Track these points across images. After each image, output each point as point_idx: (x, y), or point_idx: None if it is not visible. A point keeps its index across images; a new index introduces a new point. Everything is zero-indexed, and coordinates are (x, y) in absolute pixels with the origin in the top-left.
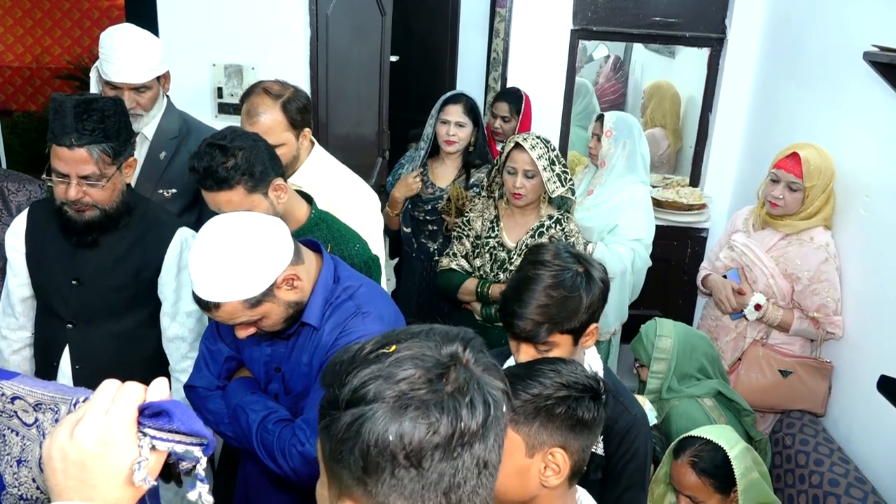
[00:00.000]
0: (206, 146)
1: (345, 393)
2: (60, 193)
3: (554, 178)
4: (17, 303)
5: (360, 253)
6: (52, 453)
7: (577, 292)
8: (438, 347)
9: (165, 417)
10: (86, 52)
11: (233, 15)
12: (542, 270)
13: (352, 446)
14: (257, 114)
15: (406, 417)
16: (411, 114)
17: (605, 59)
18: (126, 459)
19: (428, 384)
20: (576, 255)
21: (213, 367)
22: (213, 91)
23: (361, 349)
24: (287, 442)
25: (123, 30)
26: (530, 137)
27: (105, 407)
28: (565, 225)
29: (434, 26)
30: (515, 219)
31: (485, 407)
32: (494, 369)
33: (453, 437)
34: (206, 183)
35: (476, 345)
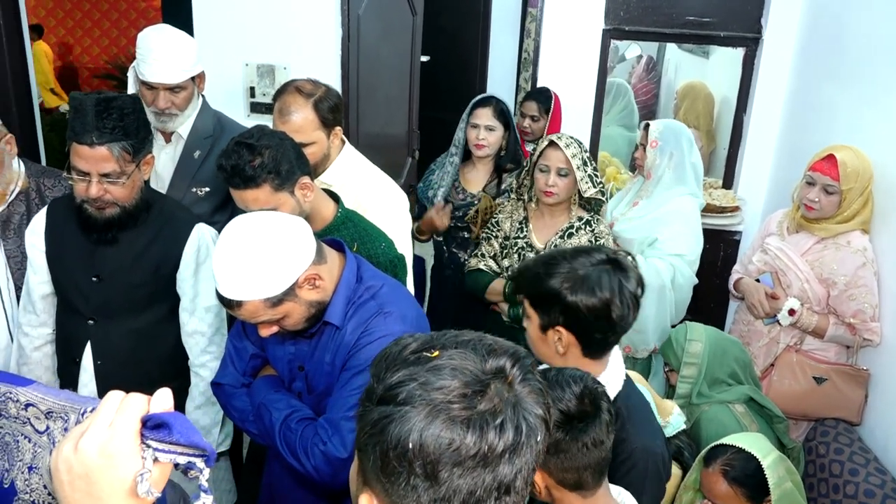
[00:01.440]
0: (234, 145)
1: (380, 388)
2: (81, 191)
3: (586, 178)
4: (37, 300)
5: (386, 252)
6: (59, 465)
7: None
8: (483, 360)
9: (166, 430)
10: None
11: (266, 15)
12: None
13: (374, 443)
14: (289, 112)
15: (430, 428)
16: (441, 113)
17: (637, 59)
18: (130, 471)
19: (462, 399)
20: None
21: (238, 365)
22: (246, 91)
23: (406, 346)
24: (309, 441)
25: (160, 31)
26: (564, 136)
27: (109, 419)
28: (595, 227)
29: (465, 26)
30: (545, 220)
31: (516, 432)
32: (539, 394)
33: (475, 457)
34: (234, 181)
35: (526, 364)
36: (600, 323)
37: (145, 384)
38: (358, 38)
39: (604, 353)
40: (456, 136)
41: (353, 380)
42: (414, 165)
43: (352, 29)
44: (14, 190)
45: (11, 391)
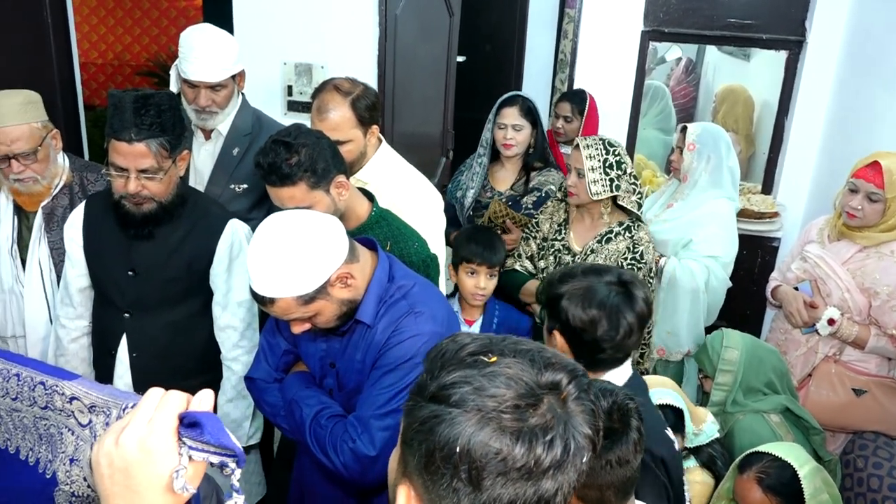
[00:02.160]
0: (272, 143)
1: (433, 386)
2: (119, 187)
3: (603, 181)
4: (75, 293)
5: (419, 251)
6: (100, 459)
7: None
8: (539, 373)
9: (198, 429)
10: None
11: (304, 15)
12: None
13: (421, 440)
14: (327, 110)
15: (479, 435)
16: (476, 114)
17: (676, 61)
18: (167, 467)
19: (514, 410)
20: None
21: (271, 360)
22: (284, 89)
23: (464, 347)
24: (339, 438)
25: (202, 30)
26: (590, 138)
27: (149, 415)
28: (634, 233)
29: (501, 27)
30: (584, 223)
31: (563, 449)
32: (591, 415)
33: (521, 469)
34: (270, 178)
35: (583, 382)
36: (586, 338)
37: (179, 377)
38: (395, 38)
39: (598, 368)
40: (483, 137)
41: (383, 378)
42: (448, 165)
43: (389, 29)
44: (58, 184)
45: (58, 384)
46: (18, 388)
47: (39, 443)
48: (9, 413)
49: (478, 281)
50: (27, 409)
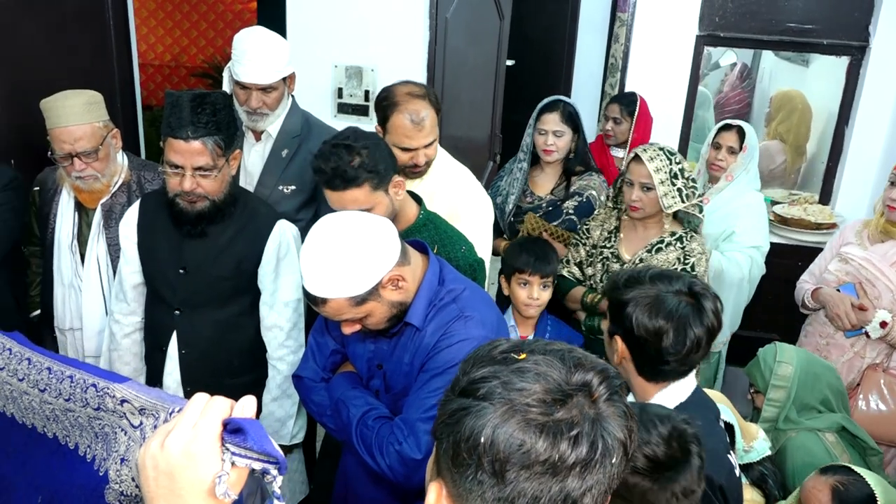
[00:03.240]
0: (332, 147)
1: (464, 381)
2: (174, 185)
3: (673, 192)
4: (128, 289)
5: (466, 255)
6: (146, 461)
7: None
8: (570, 372)
9: (242, 435)
10: (219, 52)
11: (355, 18)
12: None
13: (449, 433)
14: (422, 118)
15: (504, 427)
16: (524, 118)
17: (731, 66)
18: (209, 472)
19: (541, 404)
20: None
21: (319, 359)
22: (334, 92)
23: (496, 346)
24: (385, 440)
25: (254, 33)
26: (651, 149)
27: (193, 420)
28: (686, 244)
29: (552, 31)
30: (636, 232)
31: (590, 448)
32: (623, 417)
33: (544, 464)
34: (334, 182)
35: (615, 384)
36: (650, 348)
37: (226, 374)
38: (445, 42)
39: (659, 379)
40: (523, 142)
41: (431, 382)
42: (495, 169)
43: (439, 32)
44: (117, 182)
45: (109, 387)
46: (71, 389)
47: (95, 440)
48: (63, 413)
49: (530, 291)
50: (80, 410)
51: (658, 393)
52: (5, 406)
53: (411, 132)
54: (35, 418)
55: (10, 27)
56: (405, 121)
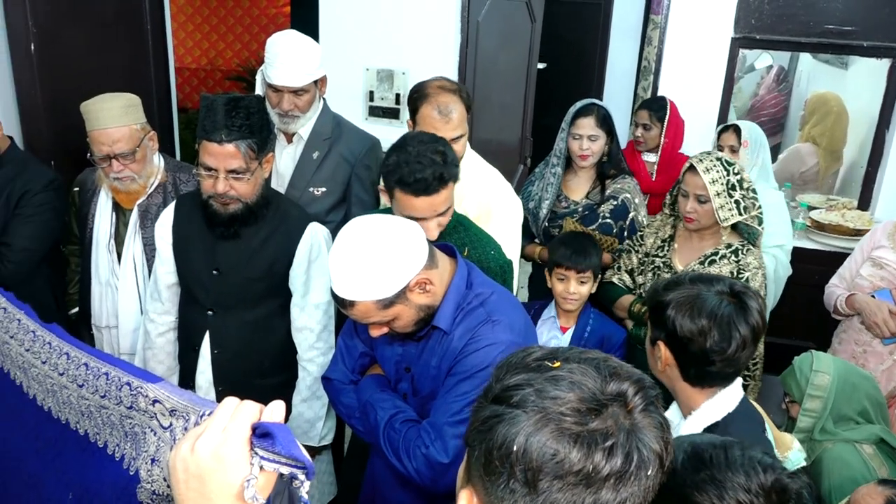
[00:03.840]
0: (417, 155)
1: (497, 388)
2: (208, 187)
3: (730, 204)
4: (163, 289)
5: (496, 258)
6: (176, 464)
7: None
8: (605, 381)
9: (270, 439)
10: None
11: (387, 21)
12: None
13: (481, 440)
14: (450, 110)
15: (537, 436)
16: (555, 122)
17: (767, 69)
18: (238, 476)
19: (575, 413)
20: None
21: (347, 362)
22: (366, 94)
23: (530, 353)
24: (412, 443)
25: (287, 36)
26: (707, 159)
27: (223, 424)
28: (742, 257)
29: (584, 34)
30: (692, 242)
31: (625, 459)
32: (659, 429)
33: (578, 474)
34: (434, 187)
35: (651, 395)
36: (693, 349)
37: (256, 375)
38: (476, 45)
39: (705, 384)
40: (556, 146)
41: (459, 386)
42: (525, 173)
43: (471, 35)
44: (154, 183)
45: (142, 386)
46: (107, 386)
47: (125, 440)
48: (98, 409)
49: (567, 286)
50: (114, 408)
51: (705, 402)
52: (44, 400)
53: (438, 123)
54: (70, 413)
55: (52, 34)
56: (433, 112)
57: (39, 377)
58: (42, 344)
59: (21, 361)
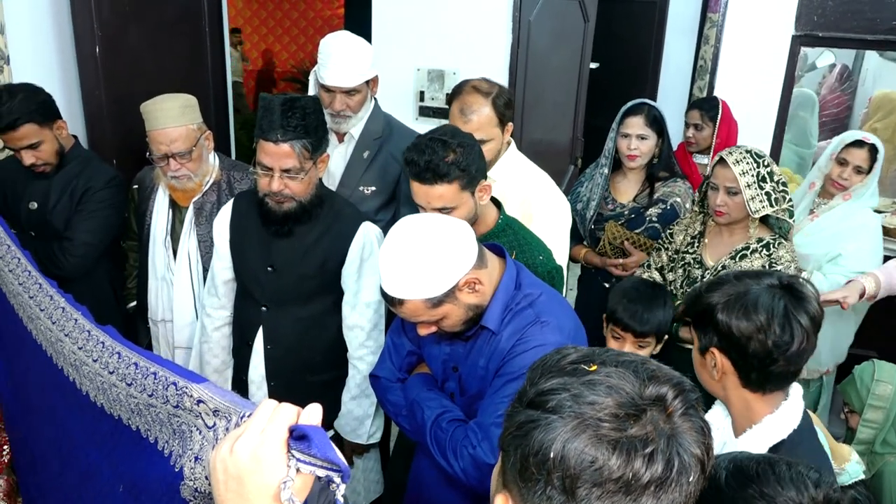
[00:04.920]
0: (428, 140)
1: (531, 392)
2: (264, 185)
3: (761, 196)
4: (220, 284)
5: (545, 263)
6: (216, 465)
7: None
8: (643, 385)
9: (306, 442)
10: (308, 57)
11: (439, 22)
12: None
13: (517, 446)
14: (471, 111)
15: (575, 442)
16: (608, 122)
17: (829, 67)
18: (275, 478)
19: (613, 419)
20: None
21: (395, 360)
22: (416, 94)
23: (566, 356)
24: (459, 443)
25: (339, 37)
26: (737, 151)
27: (262, 426)
28: (774, 251)
29: (638, 33)
30: (721, 237)
31: (666, 466)
32: (700, 433)
33: (617, 482)
34: (424, 175)
35: (691, 398)
36: (754, 349)
37: (307, 371)
38: (527, 44)
39: (768, 388)
40: (606, 146)
41: (506, 387)
42: (575, 174)
43: (522, 35)
44: (209, 181)
45: (188, 387)
46: (154, 385)
47: (173, 437)
48: (146, 407)
49: (621, 346)
50: (161, 406)
51: (767, 416)
52: (97, 396)
53: (458, 122)
54: (121, 410)
55: (116, 37)
56: (456, 109)
57: (90, 374)
58: (95, 343)
59: (73, 359)
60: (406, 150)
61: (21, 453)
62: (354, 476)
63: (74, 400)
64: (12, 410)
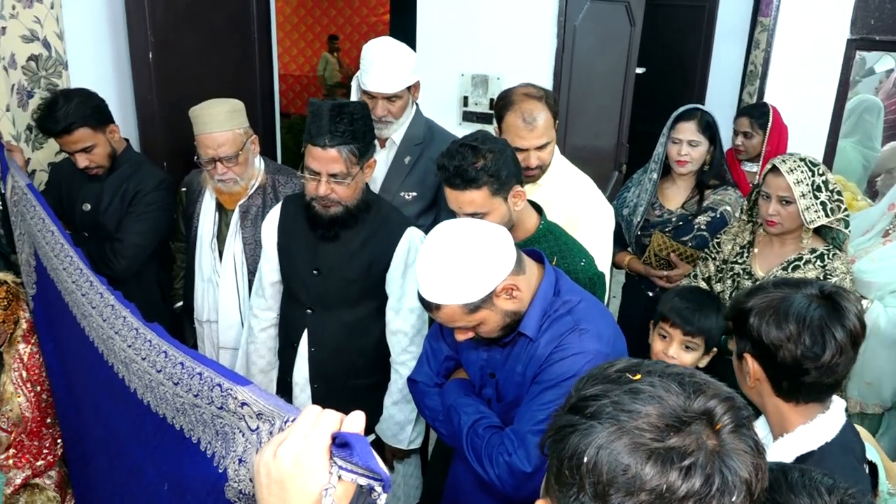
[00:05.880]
0: (458, 146)
1: (574, 397)
2: (311, 190)
3: (816, 206)
4: (267, 286)
5: (586, 269)
6: (260, 468)
7: None
8: (689, 398)
9: (348, 450)
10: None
11: (483, 27)
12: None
13: (555, 449)
14: (533, 118)
15: (610, 449)
16: (654, 127)
17: (887, 72)
18: (317, 484)
19: (653, 429)
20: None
21: (433, 364)
22: (460, 100)
23: (613, 365)
24: (495, 450)
25: (381, 44)
26: (791, 159)
27: (305, 432)
28: (828, 262)
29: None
30: (772, 247)
31: (705, 482)
32: (752, 454)
33: (651, 493)
34: (454, 181)
35: (742, 415)
36: (784, 359)
37: (350, 374)
38: (572, 49)
39: (801, 399)
40: (655, 151)
41: (543, 394)
42: (620, 180)
43: (567, 39)
44: (254, 185)
45: (232, 388)
46: (200, 385)
47: (216, 438)
48: (191, 407)
49: (667, 347)
50: (206, 407)
51: (801, 426)
52: (144, 394)
53: (523, 132)
54: (167, 409)
55: (169, 44)
56: (517, 120)
57: (139, 372)
58: (143, 341)
59: (123, 357)
60: (439, 155)
61: (73, 447)
62: (394, 481)
63: (122, 397)
64: (66, 406)
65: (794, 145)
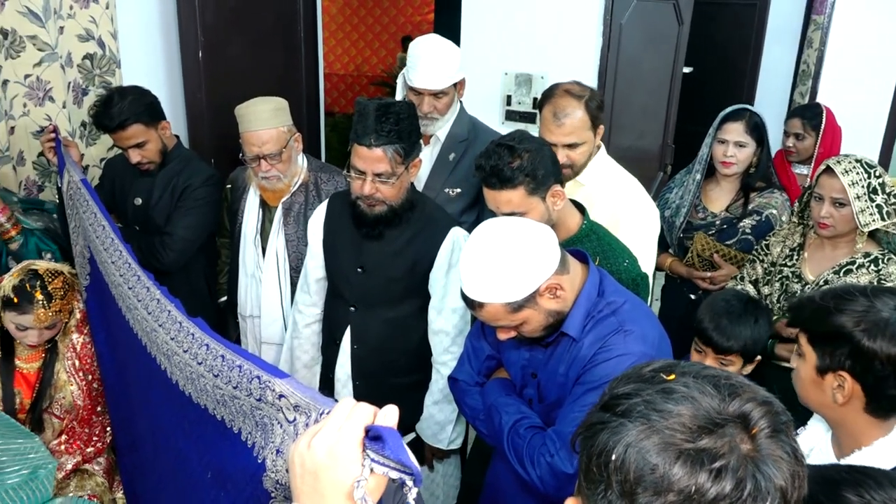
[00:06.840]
0: (495, 146)
1: (607, 395)
2: (356, 188)
3: (871, 209)
4: (312, 282)
5: (629, 269)
6: (294, 458)
7: None
8: (723, 400)
9: (380, 443)
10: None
11: (528, 26)
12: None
13: (585, 446)
14: (565, 115)
15: (638, 448)
16: (701, 128)
17: None
18: (350, 475)
19: (685, 430)
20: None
21: (474, 363)
22: (503, 98)
23: (648, 365)
24: (536, 450)
25: (429, 41)
26: (845, 161)
27: (339, 423)
28: (883, 267)
29: (735, 36)
30: (824, 251)
31: (736, 486)
32: (790, 461)
33: (679, 493)
34: (491, 180)
35: (780, 420)
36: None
37: (391, 373)
38: (618, 48)
39: (892, 415)
40: (701, 152)
41: (586, 396)
42: (664, 181)
43: (612, 38)
44: (297, 182)
45: (271, 381)
46: (239, 378)
47: (256, 429)
48: (231, 399)
49: (702, 360)
50: (245, 399)
51: (880, 440)
52: (185, 386)
53: (551, 125)
54: (207, 400)
55: (218, 44)
56: (549, 113)
57: (181, 364)
58: (186, 334)
59: (166, 349)
60: (477, 155)
61: (122, 435)
62: (434, 480)
63: (165, 389)
64: (116, 395)
65: (848, 147)
